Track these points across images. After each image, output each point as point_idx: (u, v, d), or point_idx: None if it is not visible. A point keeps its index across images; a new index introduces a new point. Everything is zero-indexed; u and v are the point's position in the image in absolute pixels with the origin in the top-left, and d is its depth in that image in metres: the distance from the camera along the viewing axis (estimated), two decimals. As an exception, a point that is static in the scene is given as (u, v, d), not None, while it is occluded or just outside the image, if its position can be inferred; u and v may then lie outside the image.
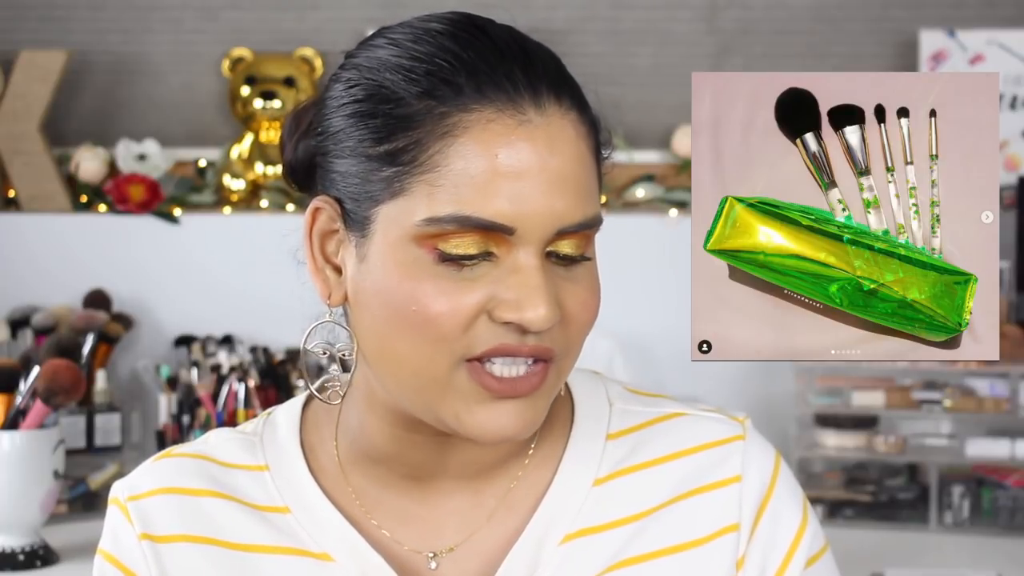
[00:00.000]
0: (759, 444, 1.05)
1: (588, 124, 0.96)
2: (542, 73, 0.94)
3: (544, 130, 0.92)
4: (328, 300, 0.98)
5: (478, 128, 0.91)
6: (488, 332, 0.92)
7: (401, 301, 0.92)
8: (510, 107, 0.92)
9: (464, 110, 0.91)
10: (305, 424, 1.07)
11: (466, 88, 0.92)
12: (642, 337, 2.98)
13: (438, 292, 0.91)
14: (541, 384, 0.94)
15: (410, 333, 0.92)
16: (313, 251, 0.99)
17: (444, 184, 0.91)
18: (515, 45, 0.94)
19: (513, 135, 0.91)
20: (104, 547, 1.04)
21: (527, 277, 0.92)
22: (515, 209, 0.91)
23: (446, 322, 0.91)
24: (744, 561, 1.01)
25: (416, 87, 0.92)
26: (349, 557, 1.00)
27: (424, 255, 0.92)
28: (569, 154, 0.93)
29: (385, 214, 0.93)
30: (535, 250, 0.92)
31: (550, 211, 0.91)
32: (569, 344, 0.96)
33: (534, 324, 0.91)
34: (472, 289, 0.92)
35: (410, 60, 0.93)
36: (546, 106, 0.93)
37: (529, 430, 0.95)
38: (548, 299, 0.92)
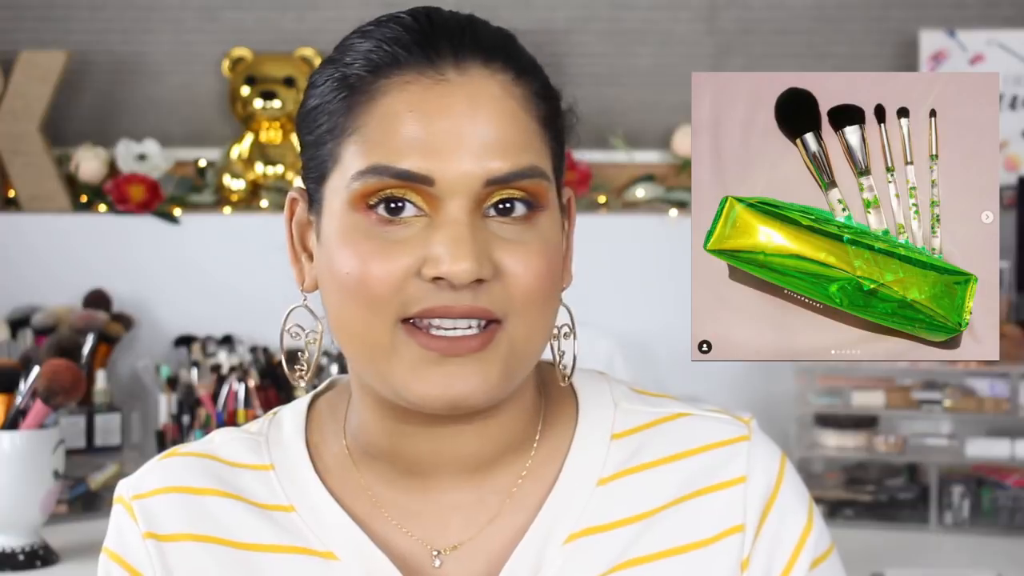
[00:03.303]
0: (764, 445, 1.04)
1: (528, 88, 0.97)
2: (472, 41, 0.96)
3: (464, 88, 0.95)
4: (302, 286, 1.02)
5: (396, 89, 0.95)
6: (420, 291, 0.93)
7: (339, 267, 0.95)
8: (429, 69, 0.95)
9: (385, 76, 0.95)
10: (310, 424, 1.07)
11: (391, 58, 0.96)
12: (642, 337, 2.98)
13: (370, 254, 0.94)
14: (487, 346, 0.94)
15: (350, 300, 0.95)
16: (292, 241, 1.03)
17: (367, 142, 0.94)
18: (455, 23, 0.97)
19: (429, 93, 0.94)
20: (109, 546, 1.05)
21: (451, 230, 0.93)
22: (432, 161, 0.93)
23: (377, 283, 0.93)
24: (749, 562, 1.01)
25: (356, 65, 0.97)
26: (354, 556, 1.00)
27: (360, 219, 0.95)
28: (491, 110, 0.95)
29: (330, 188, 0.97)
30: (463, 205, 0.93)
31: (471, 163, 0.93)
32: (514, 306, 0.95)
33: (457, 277, 0.92)
34: (403, 250, 0.93)
35: (359, 44, 0.98)
36: (468, 68, 0.95)
37: (485, 395, 0.95)
38: (473, 252, 0.92)
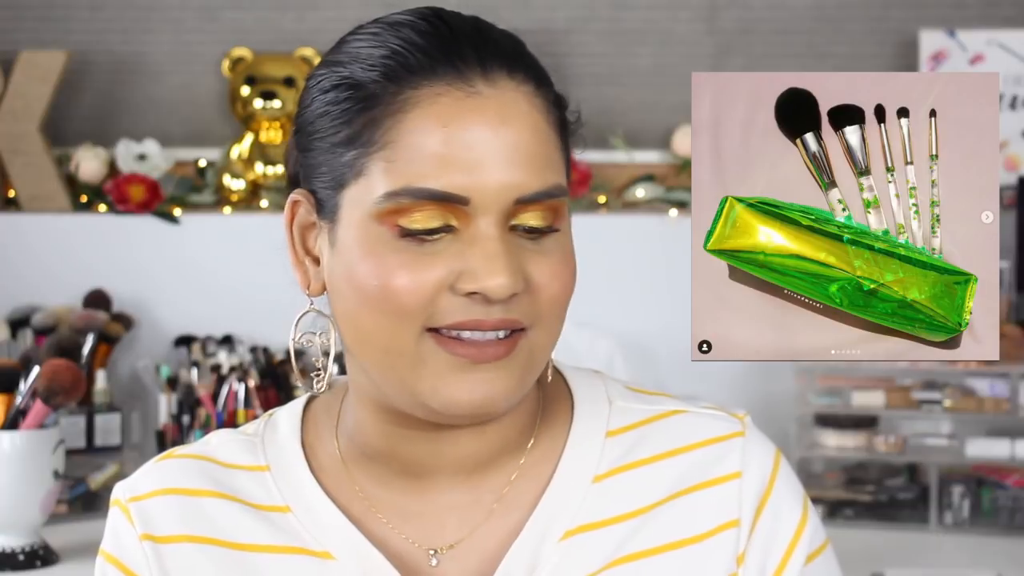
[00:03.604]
0: (759, 440, 1.05)
1: (546, 99, 0.97)
2: (494, 50, 0.95)
3: (495, 101, 0.94)
4: (307, 290, 1.01)
5: (427, 102, 0.93)
6: (452, 306, 0.93)
7: (364, 278, 0.94)
8: (459, 81, 0.93)
9: (414, 87, 0.93)
10: (306, 425, 1.07)
11: (417, 68, 0.94)
12: (642, 337, 2.98)
13: (399, 266, 0.93)
14: (511, 352, 0.95)
15: (375, 310, 0.94)
16: (294, 244, 1.01)
17: (398, 160, 0.93)
18: (471, 28, 0.96)
19: (461, 106, 0.93)
20: (105, 548, 1.05)
21: (486, 246, 0.93)
22: (467, 179, 0.92)
23: (408, 296, 0.93)
24: (744, 557, 1.01)
25: (372, 72, 0.95)
26: (350, 556, 1.00)
27: (386, 232, 0.94)
28: (522, 125, 0.94)
29: (349, 197, 0.95)
30: (494, 220, 0.93)
31: (504, 180, 0.93)
32: (540, 315, 0.96)
33: (494, 292, 0.92)
34: (434, 264, 0.93)
35: (371, 48, 0.96)
36: (496, 80, 0.94)
37: (505, 401, 0.95)
38: (508, 267, 0.92)
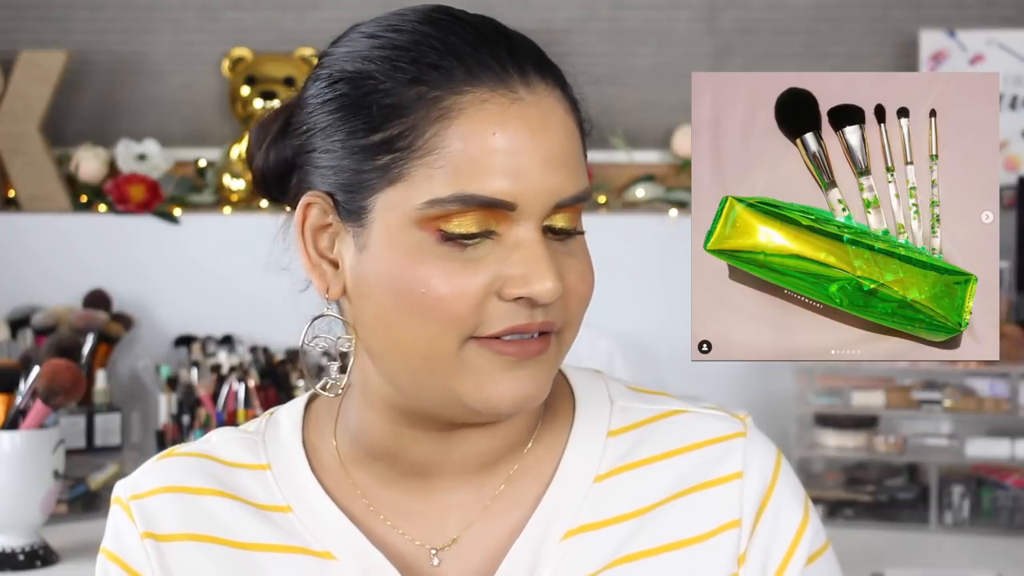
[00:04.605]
0: (760, 441, 1.05)
1: (571, 101, 0.98)
2: (526, 54, 0.96)
3: (536, 107, 0.94)
4: (327, 294, 0.99)
5: (473, 109, 0.93)
6: (499, 311, 0.94)
7: (407, 285, 0.94)
8: (501, 87, 0.94)
9: (457, 92, 0.93)
10: (307, 423, 1.07)
11: (456, 71, 0.94)
12: (642, 337, 2.98)
13: (444, 274, 0.93)
14: (546, 350, 0.96)
15: (418, 316, 0.94)
16: (307, 247, 1.00)
17: (444, 166, 0.93)
18: (494, 29, 0.97)
19: (507, 113, 0.93)
20: (107, 546, 1.05)
21: (531, 251, 0.94)
22: (515, 185, 0.93)
23: (455, 304, 0.93)
24: (745, 557, 1.02)
25: (403, 75, 0.94)
26: (351, 555, 1.00)
27: (427, 238, 0.93)
28: (560, 130, 0.95)
29: (383, 202, 0.95)
30: (535, 225, 0.94)
31: (547, 186, 0.94)
32: (570, 317, 0.97)
33: (543, 296, 0.93)
34: (477, 270, 0.93)
35: (392, 50, 0.95)
36: (534, 84, 0.95)
37: (541, 396, 0.97)
38: (554, 271, 0.94)
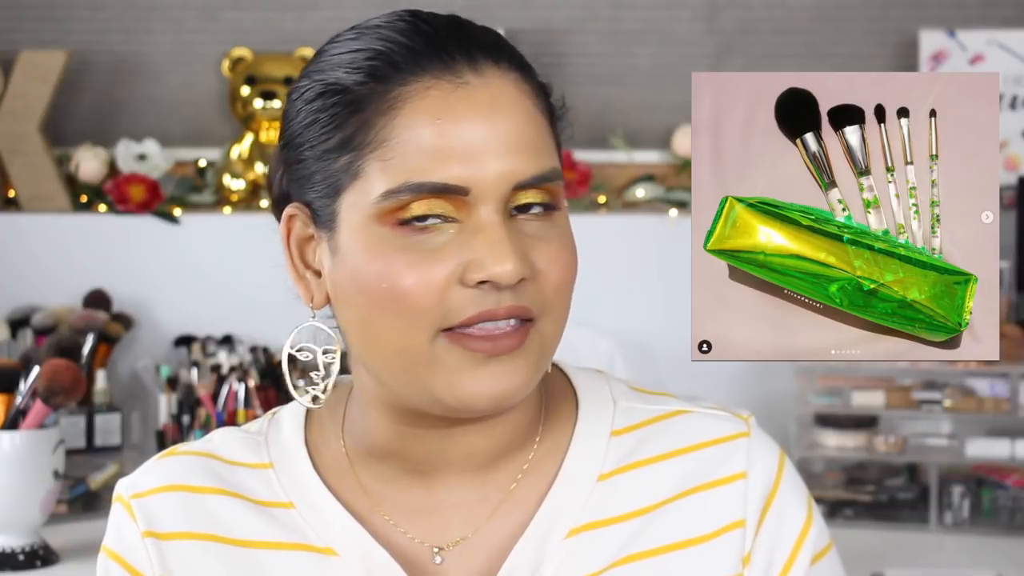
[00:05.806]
0: (764, 441, 1.05)
1: (532, 86, 0.98)
2: (477, 41, 0.96)
3: (484, 90, 0.94)
4: (311, 304, 1.00)
5: (417, 97, 0.93)
6: (464, 299, 0.93)
7: (372, 281, 0.94)
8: (447, 73, 0.94)
9: (402, 83, 0.94)
10: (310, 423, 1.07)
11: (404, 64, 0.94)
12: (642, 337, 2.98)
13: (407, 265, 0.93)
14: (523, 343, 0.95)
15: (387, 312, 0.94)
16: (293, 258, 1.01)
17: (394, 157, 0.93)
18: (451, 24, 0.97)
19: (452, 97, 0.93)
20: (108, 544, 1.05)
21: (490, 234, 0.93)
22: (465, 169, 0.92)
23: (420, 294, 0.93)
24: (750, 557, 1.02)
25: (359, 74, 0.95)
26: (353, 552, 1.00)
27: (387, 232, 0.94)
28: (513, 112, 0.95)
29: (347, 202, 0.95)
30: (495, 208, 0.93)
31: (501, 168, 0.93)
32: (546, 303, 0.96)
33: (501, 278, 0.92)
34: (439, 258, 0.93)
35: (352, 53, 0.97)
36: (483, 69, 0.95)
37: (520, 393, 0.96)
38: (514, 252, 0.93)
